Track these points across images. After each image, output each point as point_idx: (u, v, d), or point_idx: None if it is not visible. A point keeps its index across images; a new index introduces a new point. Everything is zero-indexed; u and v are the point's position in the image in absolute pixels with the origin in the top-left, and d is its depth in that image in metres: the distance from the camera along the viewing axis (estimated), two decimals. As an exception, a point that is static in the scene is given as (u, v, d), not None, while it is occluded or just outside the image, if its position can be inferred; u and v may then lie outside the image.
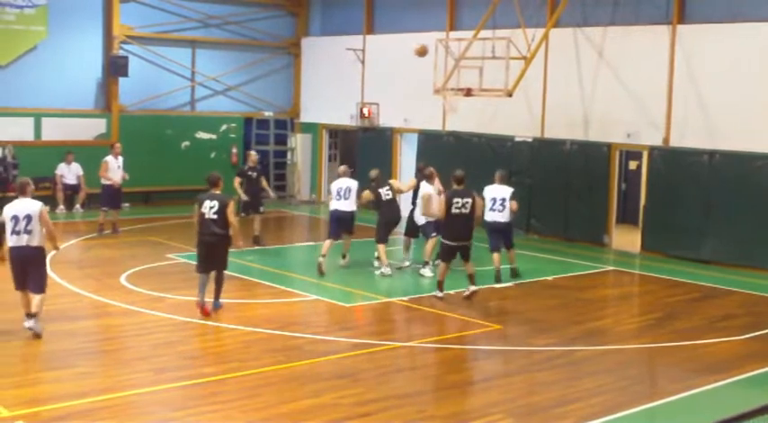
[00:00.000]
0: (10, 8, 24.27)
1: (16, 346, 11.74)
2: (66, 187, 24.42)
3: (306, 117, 29.22)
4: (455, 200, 14.82)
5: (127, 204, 23.80)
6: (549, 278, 17.29)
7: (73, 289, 15.10)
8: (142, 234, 21.13)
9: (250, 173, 19.78)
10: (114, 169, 20.58)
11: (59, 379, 10.49)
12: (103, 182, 20.70)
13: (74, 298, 14.56)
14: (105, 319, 13.62)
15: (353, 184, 17.64)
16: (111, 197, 20.67)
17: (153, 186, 25.92)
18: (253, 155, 20.33)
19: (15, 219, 11.81)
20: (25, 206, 11.91)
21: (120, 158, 20.83)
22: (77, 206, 24.37)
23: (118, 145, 21.35)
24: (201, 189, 14.44)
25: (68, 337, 12.38)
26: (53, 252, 13.40)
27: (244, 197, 19.35)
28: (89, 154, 24.35)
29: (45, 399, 9.67)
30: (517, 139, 22.68)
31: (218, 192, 13.59)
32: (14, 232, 11.82)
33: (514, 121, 22.68)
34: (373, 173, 18.06)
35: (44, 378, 10.57)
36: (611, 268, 18.90)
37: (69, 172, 24.46)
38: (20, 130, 24.47)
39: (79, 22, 25.44)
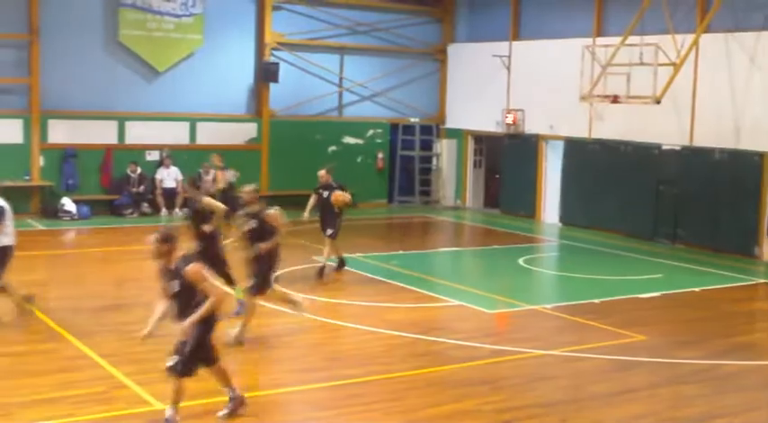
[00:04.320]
0: (169, 17, 25.26)
1: (168, 341, 12.21)
2: (166, 191, 24.86)
3: (451, 123, 29.35)
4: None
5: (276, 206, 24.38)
6: (697, 289, 16.92)
7: (222, 288, 15.59)
8: (289, 236, 21.58)
9: (321, 191, 17.32)
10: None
11: (206, 376, 10.87)
12: None
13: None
14: (254, 319, 14.01)
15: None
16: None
17: (301, 190, 26.44)
18: (323, 173, 17.49)
19: None
20: None
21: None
22: (176, 210, 24.83)
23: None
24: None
25: (218, 336, 12.80)
26: None
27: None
28: (241, 158, 25.15)
29: (192, 395, 10.01)
30: (664, 147, 22.26)
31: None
32: None
33: (662, 128, 22.25)
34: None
35: (196, 374, 10.95)
36: (762, 281, 18.34)
37: (168, 176, 24.99)
38: (176, 133, 25.47)
39: (233, 29, 26.27)
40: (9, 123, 23.55)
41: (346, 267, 17.25)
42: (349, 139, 28.04)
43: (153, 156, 25.13)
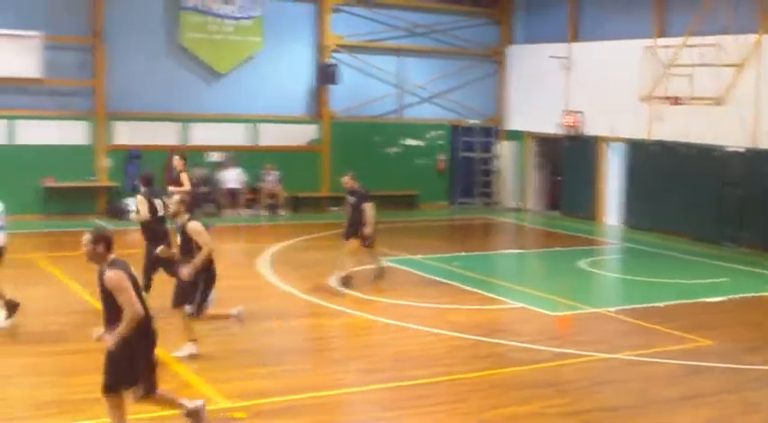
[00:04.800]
0: (228, 20, 25.48)
1: (233, 340, 12.33)
2: (228, 192, 25.23)
3: (510, 125, 29.22)
4: None
5: (336, 208, 24.65)
6: (764, 294, 16.66)
7: (285, 289, 15.72)
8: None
9: (349, 197, 16.88)
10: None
11: (273, 375, 10.95)
12: None
13: (285, 298, 15.15)
14: (316, 319, 14.13)
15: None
16: None
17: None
18: (347, 179, 16.79)
19: None
20: None
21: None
22: (239, 210, 25.10)
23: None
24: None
25: (281, 335, 12.94)
26: None
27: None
28: (301, 159, 25.32)
29: (259, 393, 10.09)
30: (728, 148, 21.93)
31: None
32: None
33: (724, 130, 21.91)
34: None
35: (258, 373, 10.99)
36: (831, 285, 17.99)
37: (230, 177, 25.29)
38: (237, 135, 25.71)
39: (292, 32, 26.43)
40: (75, 125, 23.95)
41: (401, 269, 17.24)
42: (409, 141, 28.06)
43: (215, 157, 25.40)
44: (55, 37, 23.37)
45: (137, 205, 13.70)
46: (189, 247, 11.16)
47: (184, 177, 18.15)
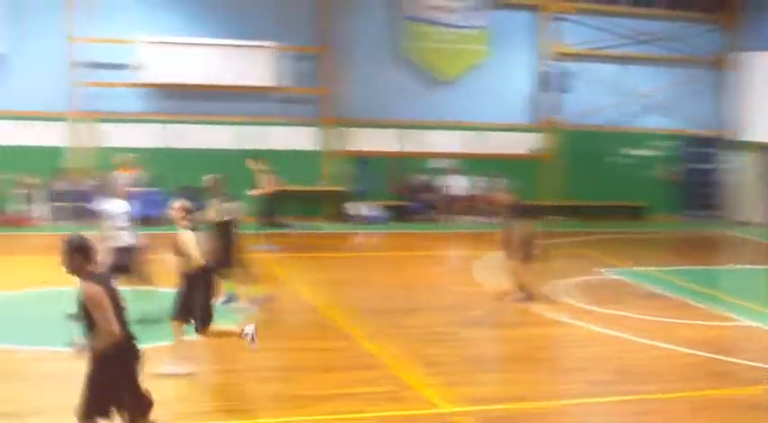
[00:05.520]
0: (452, 29, 25.72)
1: (456, 347, 12.39)
2: (453, 198, 25.46)
3: (738, 135, 27.99)
4: None
5: (560, 217, 24.45)
6: None
7: (509, 297, 15.63)
8: (573, 247, 21.45)
9: (506, 213, 15.65)
10: None
11: (496, 382, 10.93)
12: None
13: (506, 306, 15.06)
14: (537, 328, 13.97)
15: None
16: None
17: (586, 200, 26.21)
18: (502, 195, 16.41)
19: None
20: None
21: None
22: (464, 216, 25.13)
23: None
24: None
25: (502, 343, 12.91)
26: None
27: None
28: (522, 167, 25.24)
29: (482, 399, 10.06)
30: None
31: None
32: None
33: None
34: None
35: (481, 379, 11.00)
36: None
37: (455, 184, 25.51)
38: (461, 142, 25.92)
39: (515, 40, 26.43)
40: (304, 131, 24.81)
41: (625, 280, 16.81)
42: (635, 151, 27.43)
43: (439, 164, 25.69)
44: (287, 47, 24.29)
45: (210, 207, 13.89)
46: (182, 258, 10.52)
47: (263, 179, 18.91)
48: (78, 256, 6.97)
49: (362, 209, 24.67)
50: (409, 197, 25.47)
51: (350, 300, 15.27)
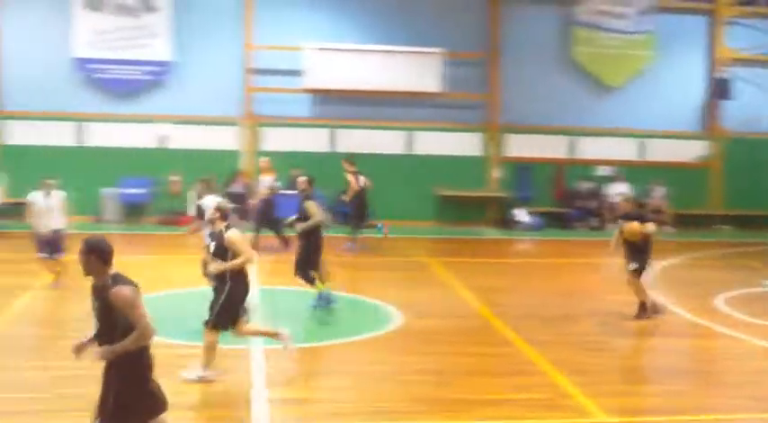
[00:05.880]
0: (620, 34, 25.49)
1: (615, 356, 12.38)
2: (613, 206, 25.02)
3: None
4: None
5: (726, 227, 23.89)
6: None
7: (669, 307, 15.46)
8: (738, 258, 20.96)
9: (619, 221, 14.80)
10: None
11: (655, 393, 10.84)
12: None
13: (670, 316, 14.88)
14: (701, 340, 13.78)
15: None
16: None
17: (753, 210, 25.50)
18: (622, 202, 15.44)
19: None
20: None
21: None
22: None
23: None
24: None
25: (665, 354, 12.80)
26: None
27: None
28: (689, 175, 24.77)
29: (639, 410, 10.04)
30: None
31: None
32: None
33: None
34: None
35: (640, 390, 10.98)
36: None
37: (616, 190, 24.92)
38: (626, 150, 25.65)
39: (684, 45, 25.97)
40: (469, 137, 25.11)
41: None
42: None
43: (603, 171, 25.51)
44: (454, 53, 24.60)
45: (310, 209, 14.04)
46: (224, 258, 10.41)
47: (352, 180, 19.07)
48: (95, 257, 6.87)
49: (525, 215, 24.77)
50: (568, 204, 25.39)
51: (514, 306, 15.37)
